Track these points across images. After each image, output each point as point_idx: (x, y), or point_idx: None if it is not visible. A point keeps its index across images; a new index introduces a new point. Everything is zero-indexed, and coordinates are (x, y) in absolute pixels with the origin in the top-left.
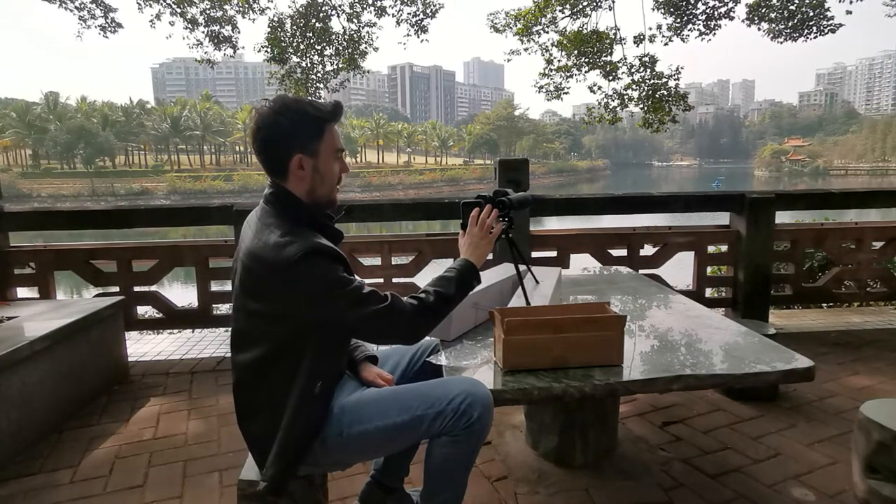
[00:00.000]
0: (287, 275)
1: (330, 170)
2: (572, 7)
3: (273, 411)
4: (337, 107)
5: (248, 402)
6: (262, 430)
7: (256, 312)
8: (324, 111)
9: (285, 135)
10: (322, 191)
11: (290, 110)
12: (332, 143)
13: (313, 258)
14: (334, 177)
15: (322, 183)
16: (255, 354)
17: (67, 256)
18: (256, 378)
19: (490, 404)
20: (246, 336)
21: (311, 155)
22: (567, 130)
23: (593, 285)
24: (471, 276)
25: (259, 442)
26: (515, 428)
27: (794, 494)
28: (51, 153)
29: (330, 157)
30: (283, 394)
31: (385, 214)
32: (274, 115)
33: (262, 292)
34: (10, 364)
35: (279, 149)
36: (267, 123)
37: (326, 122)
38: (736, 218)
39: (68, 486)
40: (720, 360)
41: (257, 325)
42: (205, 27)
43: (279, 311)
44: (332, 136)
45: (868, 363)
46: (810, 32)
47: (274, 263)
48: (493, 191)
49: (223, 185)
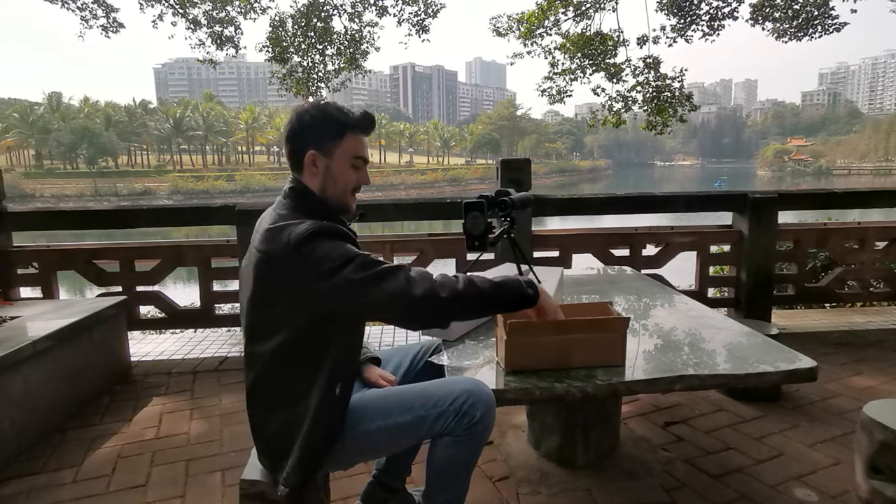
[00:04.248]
0: (299, 253)
1: (343, 174)
2: (575, 9)
3: (292, 410)
4: (364, 116)
5: (265, 399)
6: (278, 428)
7: (274, 298)
8: (348, 117)
9: (305, 130)
10: (332, 192)
11: (316, 109)
12: (351, 149)
13: (321, 234)
14: (348, 182)
15: (334, 185)
16: (275, 343)
17: (70, 256)
18: (278, 368)
19: (492, 405)
20: (264, 325)
21: (326, 154)
22: (569, 130)
23: (595, 285)
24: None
25: (272, 441)
26: (517, 428)
27: (797, 495)
28: (54, 153)
29: (345, 161)
30: (304, 392)
31: (387, 214)
32: (303, 112)
33: (278, 276)
34: (13, 364)
35: (298, 141)
36: (295, 117)
37: (348, 128)
38: (738, 218)
39: (71, 486)
40: (723, 361)
41: (276, 311)
42: (207, 27)
43: (296, 293)
44: (353, 142)
45: (871, 363)
46: (815, 32)
47: (287, 244)
48: (495, 191)
49: (225, 185)
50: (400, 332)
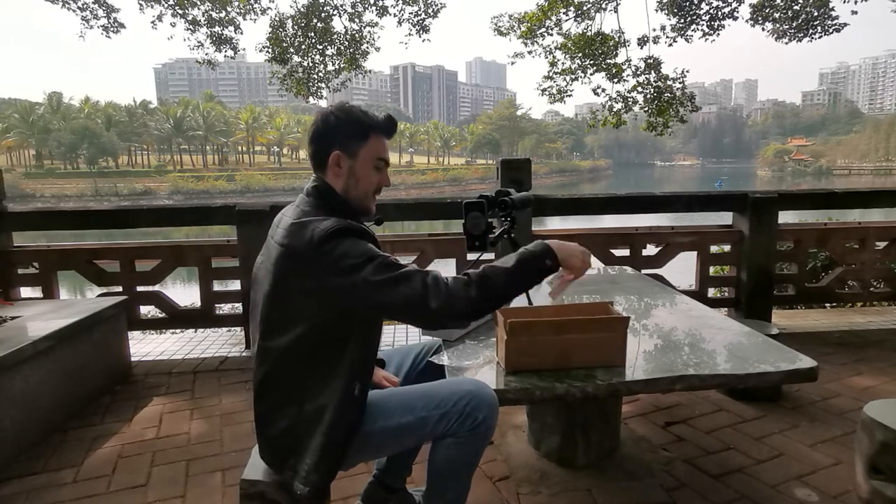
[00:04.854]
0: (321, 249)
1: (366, 175)
2: (576, 10)
3: (301, 407)
4: (388, 120)
5: (274, 395)
6: (287, 425)
7: (292, 293)
8: (372, 119)
9: (331, 130)
10: (355, 194)
11: (342, 111)
12: (374, 150)
13: (345, 232)
14: (370, 184)
15: (356, 186)
16: (290, 339)
17: (70, 256)
18: (290, 364)
19: (495, 406)
20: (281, 320)
21: (350, 155)
22: (569, 130)
23: (596, 285)
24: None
25: (279, 439)
26: (517, 428)
27: (798, 495)
28: (54, 153)
29: (368, 163)
30: (317, 390)
31: (387, 214)
32: (328, 113)
33: (299, 271)
34: (14, 364)
35: (323, 142)
36: (321, 118)
37: (372, 130)
38: (739, 218)
39: (71, 486)
40: (723, 361)
41: (293, 306)
42: (206, 28)
43: (314, 289)
44: (376, 144)
45: (871, 363)
46: (815, 32)
47: (310, 240)
48: (495, 191)
49: (226, 185)
50: (400, 332)
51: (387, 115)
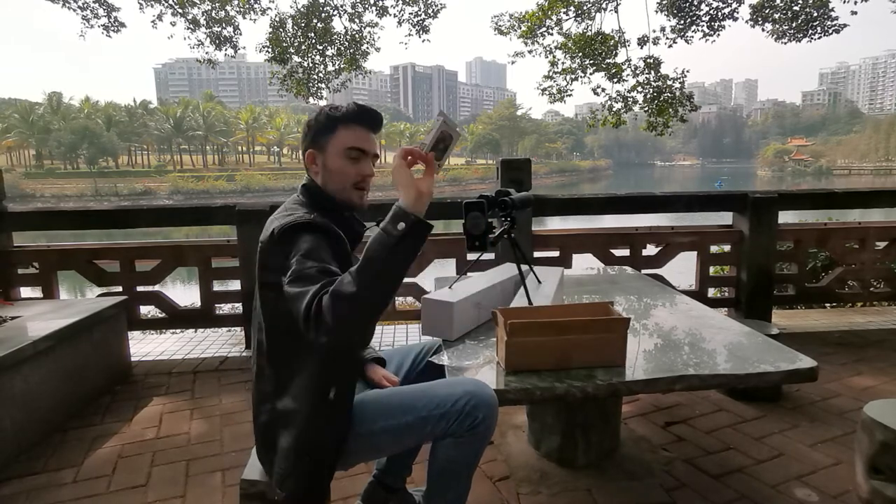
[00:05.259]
0: (278, 242)
1: (339, 167)
2: (577, 9)
3: (274, 404)
4: (355, 107)
5: (258, 387)
6: (267, 420)
7: (263, 286)
8: (338, 111)
9: (305, 132)
10: (332, 187)
11: (314, 112)
12: (343, 141)
13: (303, 228)
14: (344, 176)
15: (332, 179)
16: (263, 333)
17: (70, 256)
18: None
19: (495, 406)
20: (261, 313)
21: (320, 150)
22: (569, 130)
23: (596, 285)
24: (382, 247)
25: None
26: (518, 428)
27: (798, 495)
28: (54, 153)
29: (338, 154)
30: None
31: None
32: (307, 119)
33: (262, 264)
34: (14, 364)
35: (302, 144)
36: (304, 124)
37: (339, 122)
38: (739, 218)
39: (71, 486)
40: (723, 361)
41: (263, 298)
42: (206, 28)
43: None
44: (346, 135)
45: (871, 363)
46: (814, 33)
47: (271, 234)
48: (495, 191)
49: (226, 185)
50: (400, 332)
51: (354, 104)
